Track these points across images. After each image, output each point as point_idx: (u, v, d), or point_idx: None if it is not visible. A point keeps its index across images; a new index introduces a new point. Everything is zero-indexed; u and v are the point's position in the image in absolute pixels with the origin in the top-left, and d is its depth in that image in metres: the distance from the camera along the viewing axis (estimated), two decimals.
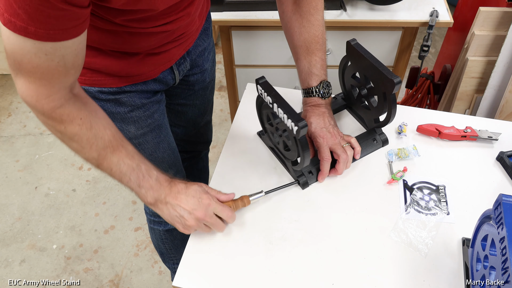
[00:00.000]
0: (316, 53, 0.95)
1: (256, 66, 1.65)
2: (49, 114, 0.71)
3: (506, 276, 0.61)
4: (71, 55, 0.65)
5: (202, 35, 1.06)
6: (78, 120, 0.73)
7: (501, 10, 1.46)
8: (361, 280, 0.80)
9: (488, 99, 1.58)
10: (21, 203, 2.00)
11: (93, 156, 0.77)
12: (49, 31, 0.58)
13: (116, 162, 0.78)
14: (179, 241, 1.36)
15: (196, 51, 1.07)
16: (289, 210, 0.91)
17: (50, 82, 0.66)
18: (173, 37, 0.91)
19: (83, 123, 0.73)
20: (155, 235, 1.37)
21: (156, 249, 1.45)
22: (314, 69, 0.95)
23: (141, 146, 1.04)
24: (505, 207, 0.65)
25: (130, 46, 0.85)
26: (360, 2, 1.47)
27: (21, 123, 2.35)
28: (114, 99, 0.93)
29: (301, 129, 0.78)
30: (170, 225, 1.29)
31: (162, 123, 1.06)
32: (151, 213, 1.29)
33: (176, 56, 0.97)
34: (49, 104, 0.69)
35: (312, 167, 0.95)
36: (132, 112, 0.97)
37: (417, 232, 0.86)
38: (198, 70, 1.12)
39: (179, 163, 1.19)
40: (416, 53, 2.59)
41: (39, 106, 0.69)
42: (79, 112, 0.73)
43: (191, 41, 1.01)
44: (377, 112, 0.97)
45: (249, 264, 0.83)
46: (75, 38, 0.63)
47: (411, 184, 0.94)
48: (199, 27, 1.01)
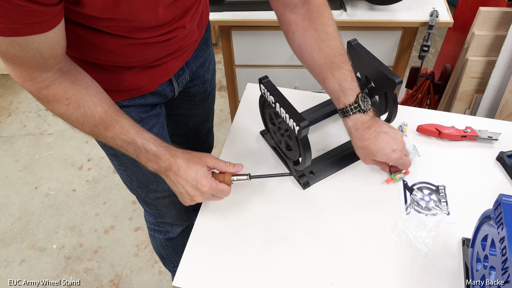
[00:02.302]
0: (343, 66, 0.84)
1: (256, 66, 1.65)
2: (36, 94, 0.72)
3: (506, 276, 0.61)
4: (47, 48, 0.64)
5: (202, 46, 1.04)
6: (64, 100, 0.72)
7: (501, 10, 1.46)
8: (361, 280, 0.80)
9: (488, 99, 1.58)
10: (21, 203, 2.00)
11: (87, 132, 0.78)
12: (10, 25, 0.57)
13: (111, 137, 0.78)
14: (180, 247, 1.35)
15: (197, 63, 1.04)
16: (289, 210, 0.91)
17: (31, 68, 0.67)
18: (171, 50, 0.88)
19: (70, 103, 0.73)
20: (155, 242, 1.36)
21: (157, 253, 1.44)
22: (346, 84, 0.84)
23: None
24: (505, 207, 0.65)
25: (127, 59, 0.83)
26: (360, 2, 1.47)
27: (21, 123, 2.35)
28: None
29: (303, 129, 0.78)
30: (170, 234, 1.29)
31: (161, 136, 1.04)
32: (151, 222, 1.28)
33: (174, 68, 0.95)
34: (34, 85, 0.70)
35: (313, 167, 0.95)
36: None
37: (417, 232, 0.86)
38: (199, 81, 1.10)
39: None
40: (416, 53, 2.60)
41: (26, 87, 0.70)
42: (66, 93, 0.72)
43: (190, 53, 0.98)
44: (378, 112, 0.97)
45: (249, 264, 0.83)
46: (45, 33, 0.62)
47: (411, 185, 0.94)
48: (198, 38, 0.98)
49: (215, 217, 0.90)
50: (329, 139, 1.05)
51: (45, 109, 2.41)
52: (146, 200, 1.16)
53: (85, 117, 0.75)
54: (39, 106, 2.43)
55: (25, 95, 2.49)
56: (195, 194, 0.81)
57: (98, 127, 0.76)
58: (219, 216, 0.90)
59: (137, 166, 1.02)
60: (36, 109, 2.42)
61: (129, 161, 1.01)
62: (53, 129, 2.32)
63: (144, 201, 1.18)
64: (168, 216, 1.22)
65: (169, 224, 1.26)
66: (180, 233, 1.30)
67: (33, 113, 2.40)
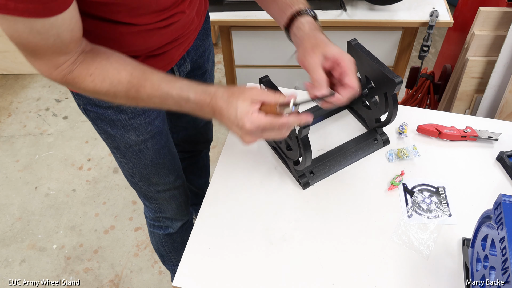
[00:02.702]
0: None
1: (256, 66, 1.65)
2: (63, 82, 0.73)
3: (506, 276, 0.61)
4: (66, 32, 0.65)
5: (202, 36, 1.06)
6: (88, 77, 0.72)
7: (501, 10, 1.46)
8: (361, 280, 0.80)
9: (488, 99, 1.58)
10: (21, 203, 2.00)
11: (125, 103, 0.77)
12: (28, 5, 0.58)
13: (147, 98, 0.75)
14: (179, 244, 1.36)
15: (197, 52, 1.06)
16: (289, 210, 0.91)
17: (54, 56, 0.68)
18: (172, 37, 0.90)
19: (94, 78, 0.72)
20: (154, 239, 1.37)
21: (156, 252, 1.45)
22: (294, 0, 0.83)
23: (142, 153, 1.03)
24: (505, 207, 0.65)
25: (129, 48, 0.84)
26: (360, 2, 1.47)
27: (21, 123, 2.35)
28: (115, 106, 0.92)
29: (303, 128, 0.78)
30: (170, 229, 1.30)
31: (163, 129, 1.05)
32: (151, 217, 1.29)
33: (176, 57, 0.96)
34: (59, 73, 0.71)
35: (313, 167, 0.95)
36: (133, 119, 0.96)
37: (418, 234, 0.86)
38: (200, 72, 1.12)
39: (179, 168, 1.19)
40: (416, 53, 2.59)
41: (54, 78, 0.72)
42: (88, 69, 0.72)
43: (190, 41, 1.00)
44: (378, 112, 0.97)
45: (249, 264, 0.83)
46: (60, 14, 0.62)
47: (411, 187, 0.94)
48: (198, 27, 1.00)
49: (215, 217, 0.90)
50: (329, 139, 1.05)
51: (45, 109, 2.41)
52: (147, 194, 1.17)
53: (114, 87, 0.73)
54: (39, 106, 2.43)
55: (25, 95, 2.49)
56: (242, 135, 0.73)
57: (130, 92, 0.74)
58: (219, 216, 0.90)
59: (139, 159, 1.04)
60: (36, 109, 2.42)
61: (131, 154, 1.02)
62: (53, 129, 2.32)
63: (144, 196, 1.19)
64: (168, 210, 1.23)
65: (169, 218, 1.27)
66: (179, 228, 1.31)
67: (33, 113, 2.40)
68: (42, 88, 2.53)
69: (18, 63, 2.53)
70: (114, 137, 0.99)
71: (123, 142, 1.00)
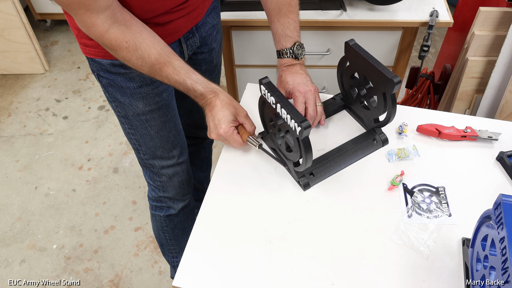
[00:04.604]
0: (289, 15, 1.00)
1: (256, 66, 1.65)
2: (101, 41, 0.83)
3: (506, 276, 0.61)
4: None
5: (211, 13, 1.10)
6: (124, 44, 0.83)
7: (501, 10, 1.46)
8: (361, 280, 0.80)
9: (488, 99, 1.58)
10: (21, 203, 2.00)
11: (145, 72, 0.89)
12: None
13: (165, 77, 0.90)
14: (179, 230, 1.38)
15: (206, 28, 1.09)
16: (289, 210, 0.91)
17: (87, 11, 0.77)
18: (175, 3, 0.93)
19: (129, 46, 0.83)
20: (156, 223, 1.38)
21: (157, 240, 1.46)
22: (287, 31, 1.00)
23: (148, 122, 1.08)
24: (505, 207, 0.65)
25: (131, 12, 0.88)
26: (360, 2, 1.47)
27: (21, 123, 2.35)
28: (124, 73, 0.97)
29: (305, 129, 0.78)
30: (171, 210, 1.33)
31: (170, 103, 1.10)
32: (153, 198, 1.31)
33: (183, 28, 1.01)
34: (96, 30, 0.80)
35: (313, 168, 0.95)
36: (141, 88, 1.01)
37: (418, 234, 0.86)
38: (206, 49, 1.15)
39: (184, 144, 1.22)
40: (416, 53, 2.60)
41: (92, 34, 0.81)
42: (124, 36, 0.82)
43: (198, 15, 1.03)
44: (377, 112, 0.97)
45: (249, 264, 0.83)
46: None
47: (411, 187, 0.94)
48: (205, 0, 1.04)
49: (215, 217, 0.90)
50: (329, 139, 1.05)
51: (45, 109, 2.41)
52: (152, 169, 1.21)
53: (143, 59, 0.86)
54: (39, 106, 2.43)
55: (25, 95, 2.49)
56: (212, 131, 0.94)
57: (154, 67, 0.88)
58: (219, 216, 0.90)
59: (145, 129, 1.09)
60: (36, 109, 2.42)
61: (139, 123, 1.08)
62: (53, 129, 2.32)
63: (149, 172, 1.23)
64: (171, 189, 1.26)
65: (171, 199, 1.30)
66: (180, 210, 1.33)
67: (33, 113, 2.40)
68: (42, 88, 2.53)
69: (18, 63, 2.54)
70: (123, 104, 1.04)
71: (131, 111, 1.05)
